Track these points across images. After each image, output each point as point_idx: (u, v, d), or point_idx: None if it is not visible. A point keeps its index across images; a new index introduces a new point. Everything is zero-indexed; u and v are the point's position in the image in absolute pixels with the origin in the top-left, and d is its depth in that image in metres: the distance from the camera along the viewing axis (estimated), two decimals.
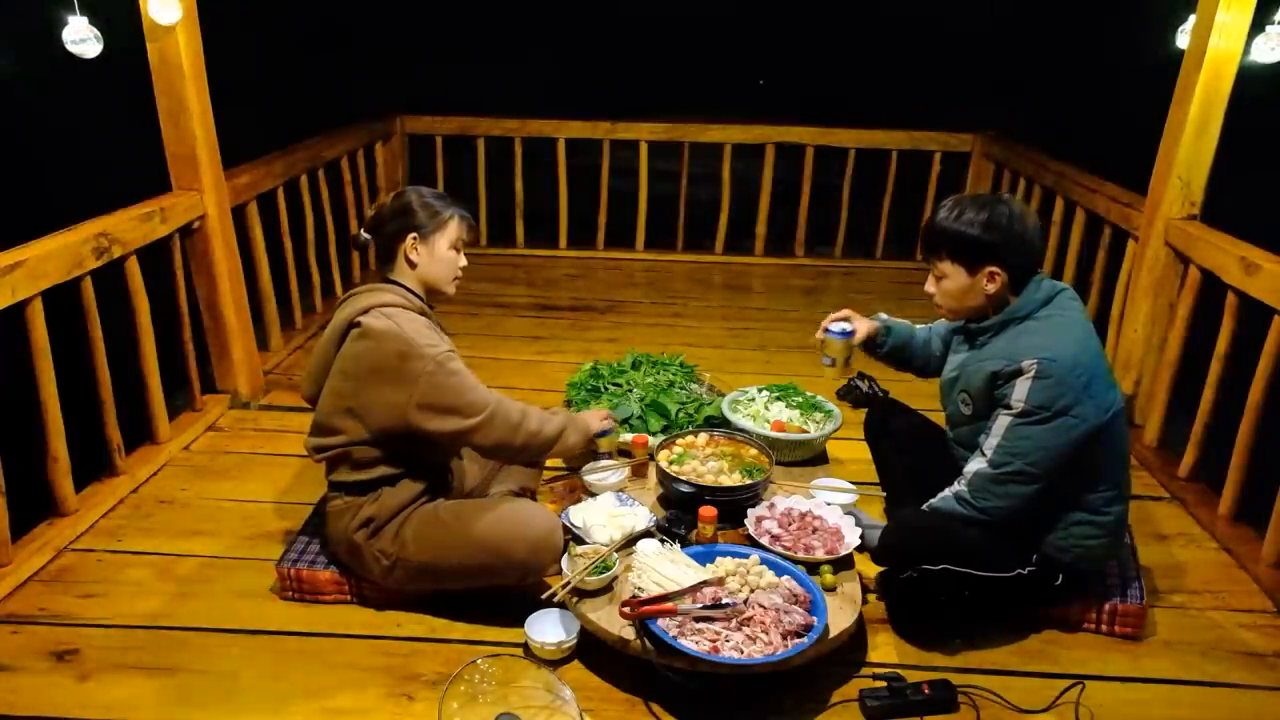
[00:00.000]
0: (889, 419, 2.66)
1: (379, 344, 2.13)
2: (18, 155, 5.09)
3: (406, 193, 2.29)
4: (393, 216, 2.26)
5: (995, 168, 5.46)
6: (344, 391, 2.19)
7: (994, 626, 2.33)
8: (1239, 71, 3.06)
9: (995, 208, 2.12)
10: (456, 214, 2.29)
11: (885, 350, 2.56)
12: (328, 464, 2.28)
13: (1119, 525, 2.26)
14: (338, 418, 2.21)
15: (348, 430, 2.20)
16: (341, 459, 2.24)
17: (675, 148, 5.65)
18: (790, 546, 2.31)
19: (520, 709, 1.88)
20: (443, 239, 2.27)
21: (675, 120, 5.64)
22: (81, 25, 2.66)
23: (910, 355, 2.56)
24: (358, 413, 2.18)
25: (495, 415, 2.17)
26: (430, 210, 2.25)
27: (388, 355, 2.12)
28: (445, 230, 2.27)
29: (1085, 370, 2.06)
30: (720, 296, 5.17)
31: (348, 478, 2.24)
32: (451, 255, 2.29)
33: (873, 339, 2.52)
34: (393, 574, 2.24)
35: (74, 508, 2.68)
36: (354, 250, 2.43)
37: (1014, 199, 2.19)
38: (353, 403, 2.18)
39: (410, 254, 2.25)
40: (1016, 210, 2.13)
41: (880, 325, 2.54)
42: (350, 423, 2.19)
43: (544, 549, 2.22)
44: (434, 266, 2.27)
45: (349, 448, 2.21)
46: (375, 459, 2.22)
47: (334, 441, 2.22)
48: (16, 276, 2.39)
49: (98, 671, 2.14)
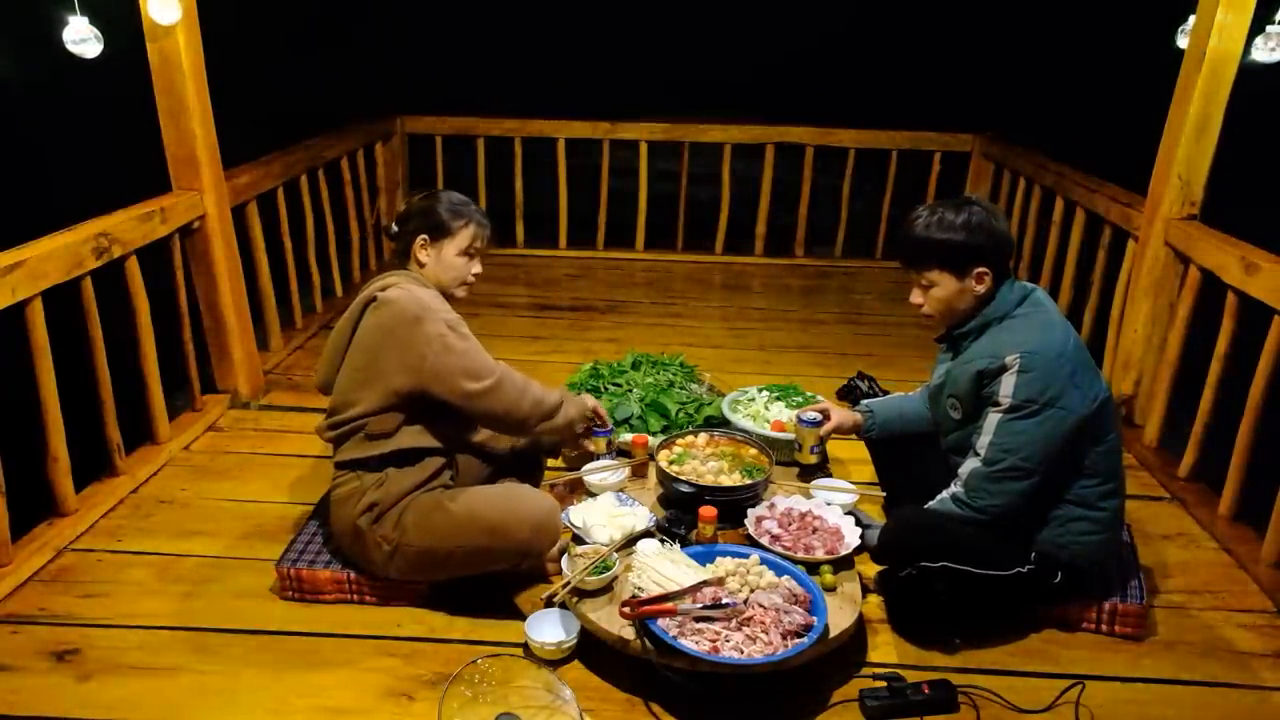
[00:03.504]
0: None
1: (395, 307, 2.20)
2: (18, 155, 5.10)
3: (435, 194, 2.38)
4: (414, 215, 2.35)
5: (995, 168, 5.46)
6: (361, 364, 2.23)
7: (994, 626, 2.33)
8: (1239, 72, 3.07)
9: (971, 209, 2.15)
10: (473, 222, 2.35)
11: (874, 435, 2.60)
12: (337, 441, 2.29)
13: (1116, 521, 2.27)
14: (354, 391, 2.24)
15: (364, 401, 2.22)
16: (354, 433, 2.25)
17: (675, 148, 5.65)
18: (790, 546, 2.31)
19: (520, 709, 1.88)
20: (452, 245, 2.33)
21: (675, 120, 5.64)
22: (82, 25, 2.66)
23: (907, 429, 2.56)
24: (376, 378, 2.21)
25: (503, 381, 2.24)
26: (449, 214, 2.34)
27: (404, 317, 2.19)
28: (456, 237, 2.33)
29: (1068, 361, 2.09)
30: (720, 296, 5.17)
31: (358, 454, 2.25)
32: (460, 262, 2.35)
33: (856, 427, 2.58)
34: (393, 560, 2.25)
35: (74, 508, 2.68)
36: (383, 238, 2.51)
37: (978, 197, 2.23)
38: (370, 371, 2.21)
39: (419, 255, 2.34)
40: (988, 207, 2.18)
41: (864, 413, 2.58)
42: (367, 393, 2.22)
43: (544, 530, 2.26)
44: (439, 270, 2.34)
45: (365, 419, 2.23)
46: (389, 431, 2.23)
47: (349, 415, 2.24)
48: (16, 276, 2.39)
49: (98, 672, 2.14)
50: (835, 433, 2.59)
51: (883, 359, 4.18)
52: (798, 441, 2.60)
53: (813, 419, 2.56)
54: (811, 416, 2.56)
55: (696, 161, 5.64)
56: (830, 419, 2.57)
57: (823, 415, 2.57)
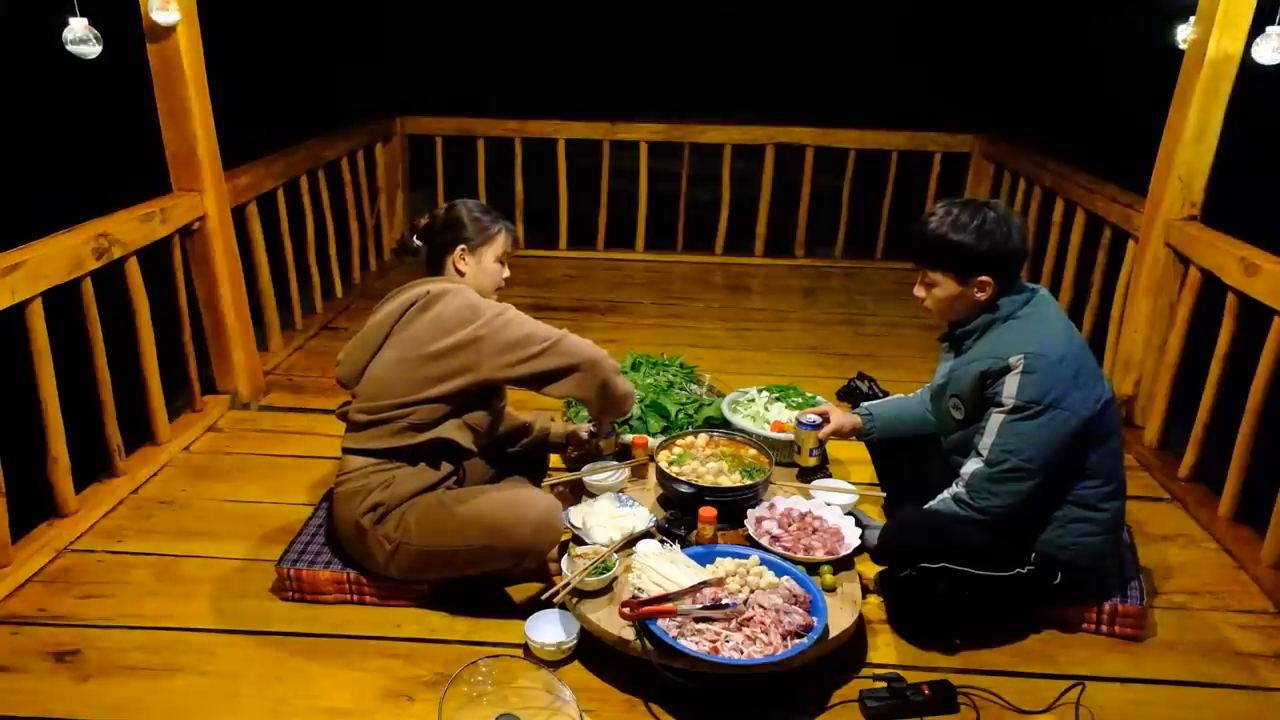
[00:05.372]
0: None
1: (449, 300, 2.25)
2: (17, 155, 5.10)
3: (457, 206, 2.43)
4: (444, 228, 2.40)
5: (995, 168, 5.46)
6: (410, 356, 2.24)
7: (994, 627, 2.33)
8: (1239, 71, 3.07)
9: (986, 215, 2.13)
10: (504, 228, 2.43)
11: (875, 438, 2.61)
12: (367, 426, 2.27)
13: (1116, 522, 2.26)
14: (401, 383, 2.24)
15: (412, 390, 2.23)
16: (392, 420, 2.24)
17: (675, 148, 5.64)
18: (790, 547, 2.31)
19: (520, 709, 1.88)
20: (489, 251, 2.41)
21: (675, 120, 5.64)
22: (81, 26, 2.65)
23: (907, 431, 2.57)
24: (429, 368, 2.22)
25: (566, 337, 2.29)
26: (479, 224, 2.39)
27: (461, 306, 2.24)
28: (493, 244, 2.41)
29: (1071, 362, 2.09)
30: (720, 297, 5.17)
31: (389, 443, 2.25)
32: (496, 267, 2.45)
33: (856, 429, 2.59)
34: (394, 560, 2.25)
35: (74, 508, 2.68)
36: (404, 254, 2.52)
37: (999, 204, 2.20)
38: (422, 362, 2.22)
39: (459, 264, 2.39)
40: (1005, 216, 2.15)
41: (863, 417, 2.59)
42: (415, 382, 2.22)
43: (545, 530, 2.25)
44: (480, 277, 2.41)
45: (410, 408, 2.23)
46: (433, 420, 2.24)
47: (393, 402, 2.24)
48: (16, 277, 2.39)
49: (98, 672, 2.14)
50: (835, 436, 2.59)
51: (883, 360, 4.18)
52: (797, 444, 2.59)
53: (812, 422, 2.55)
54: (811, 419, 2.56)
55: (696, 162, 5.63)
56: (830, 422, 2.57)
57: (822, 418, 2.57)
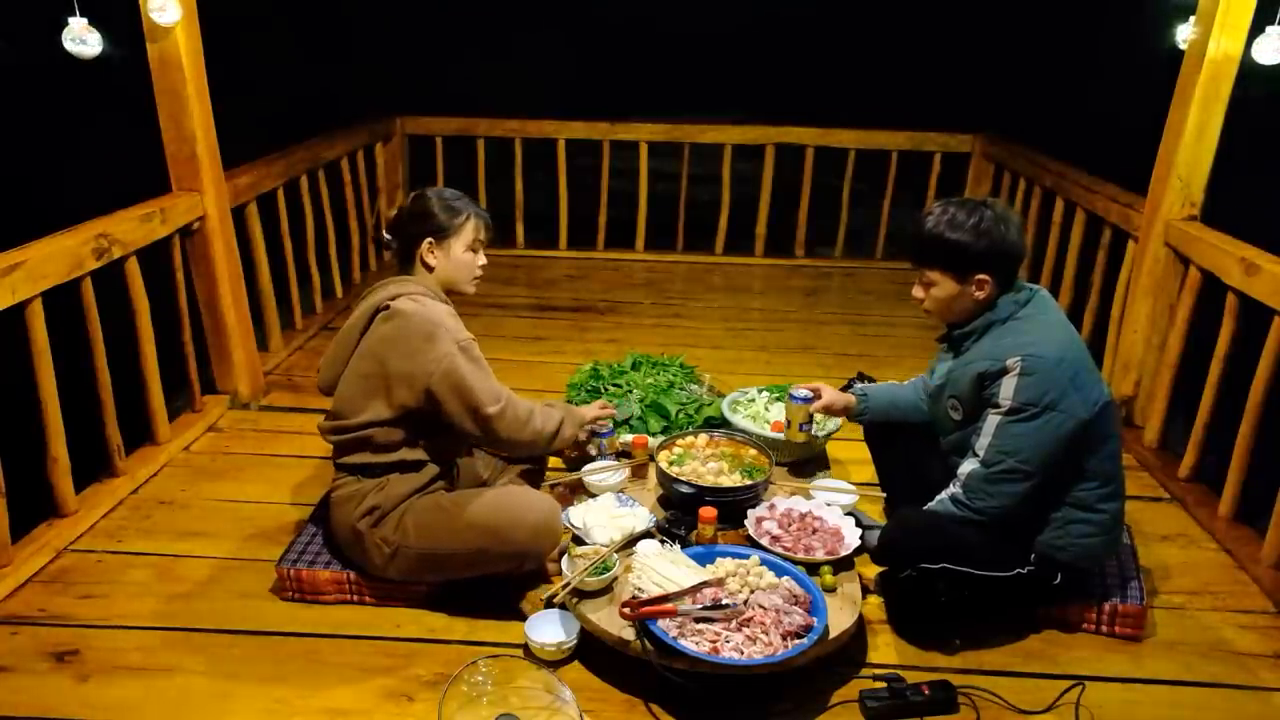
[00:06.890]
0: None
1: (407, 322, 2.18)
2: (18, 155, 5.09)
3: (426, 195, 2.34)
4: (411, 220, 2.32)
5: (995, 168, 5.46)
6: (369, 371, 2.22)
7: (994, 627, 2.33)
8: (1238, 72, 3.07)
9: (984, 214, 2.13)
10: (473, 215, 2.33)
11: (866, 419, 2.61)
12: (340, 447, 2.29)
13: (1115, 523, 2.26)
14: (361, 399, 2.23)
15: (369, 410, 2.22)
16: (360, 443, 2.25)
17: (675, 148, 5.64)
18: (790, 547, 2.31)
19: (520, 710, 1.88)
20: (458, 242, 2.32)
21: (675, 121, 5.63)
22: (81, 26, 2.65)
23: (899, 416, 2.56)
24: (381, 390, 2.20)
25: (507, 409, 2.22)
26: (448, 213, 2.31)
27: (415, 333, 2.17)
28: (461, 233, 2.32)
29: (1070, 365, 2.09)
30: (720, 297, 5.17)
31: (361, 460, 2.25)
32: (468, 257, 2.34)
33: (848, 409, 2.58)
34: (393, 562, 2.25)
35: (74, 508, 2.68)
36: (381, 249, 2.49)
37: (997, 202, 2.19)
38: (377, 381, 2.20)
39: (427, 258, 2.31)
40: (1002, 214, 2.14)
41: (857, 396, 2.58)
42: (373, 403, 2.21)
43: (544, 533, 2.24)
44: (450, 269, 2.33)
45: (370, 429, 2.22)
46: (393, 443, 2.23)
47: (354, 422, 2.23)
48: (16, 277, 2.39)
49: (97, 672, 2.14)
50: (826, 412, 2.58)
51: (882, 360, 4.17)
52: (787, 418, 2.58)
53: (804, 395, 2.54)
54: (803, 393, 2.55)
55: (696, 162, 5.63)
56: (821, 397, 2.56)
57: (814, 393, 2.56)
